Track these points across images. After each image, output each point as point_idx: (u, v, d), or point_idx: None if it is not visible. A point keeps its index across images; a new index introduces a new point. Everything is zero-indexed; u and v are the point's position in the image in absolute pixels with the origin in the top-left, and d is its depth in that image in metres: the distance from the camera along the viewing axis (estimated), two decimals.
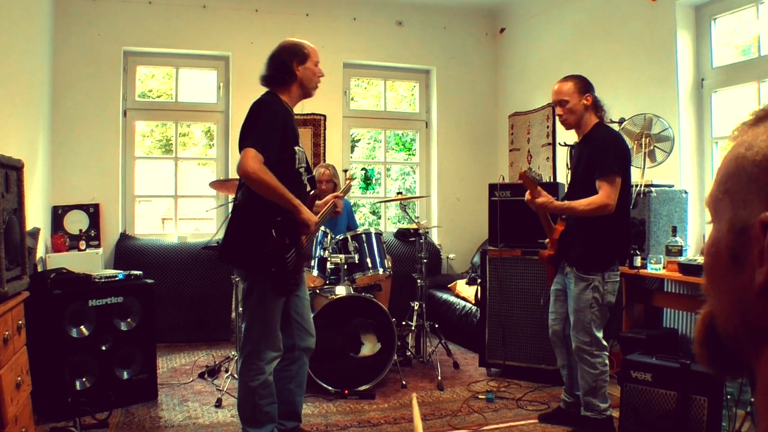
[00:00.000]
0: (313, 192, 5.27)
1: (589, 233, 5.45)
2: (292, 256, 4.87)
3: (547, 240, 5.84)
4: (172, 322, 8.78)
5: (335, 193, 5.76)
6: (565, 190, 5.98)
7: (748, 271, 1.03)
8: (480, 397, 6.64)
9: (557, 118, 5.82)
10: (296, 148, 5.00)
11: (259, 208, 4.80)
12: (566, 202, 5.43)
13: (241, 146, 4.71)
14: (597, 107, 5.65)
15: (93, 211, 8.89)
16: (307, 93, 5.19)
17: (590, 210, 5.28)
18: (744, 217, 1.04)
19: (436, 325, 8.10)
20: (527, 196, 5.46)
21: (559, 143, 8.40)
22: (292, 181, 4.91)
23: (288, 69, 5.06)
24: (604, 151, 5.37)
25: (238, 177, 4.76)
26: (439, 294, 9.54)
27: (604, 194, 5.26)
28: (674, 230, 6.48)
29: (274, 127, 4.77)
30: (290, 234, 4.84)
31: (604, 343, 5.60)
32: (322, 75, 5.23)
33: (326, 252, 7.01)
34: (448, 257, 10.80)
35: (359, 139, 17.73)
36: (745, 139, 1.10)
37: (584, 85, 5.62)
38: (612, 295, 5.54)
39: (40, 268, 6.94)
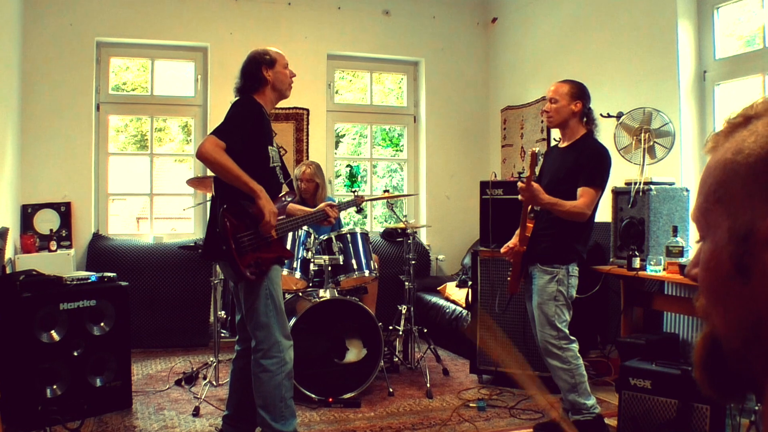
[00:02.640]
0: (288, 192, 5.54)
1: (554, 232, 5.70)
2: (247, 237, 4.99)
3: (512, 242, 6.01)
4: (148, 326, 8.72)
5: (330, 203, 5.99)
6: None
7: (757, 279, 1.01)
8: (471, 405, 6.63)
9: (544, 114, 6.06)
10: (270, 147, 5.29)
11: (224, 196, 5.04)
12: (555, 199, 5.55)
13: None
14: (588, 119, 5.91)
15: (64, 210, 8.84)
16: (281, 95, 5.49)
17: (572, 212, 5.54)
18: (747, 222, 1.03)
19: (425, 330, 8.07)
20: (521, 183, 5.55)
21: (554, 139, 8.39)
22: (267, 179, 5.18)
23: (258, 76, 5.33)
24: (594, 163, 5.66)
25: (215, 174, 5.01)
26: (428, 297, 9.51)
27: (585, 202, 5.55)
28: (675, 230, 6.46)
29: (241, 121, 5.09)
30: (245, 218, 5.01)
31: (571, 336, 5.71)
32: (293, 75, 5.54)
33: (309, 253, 6.98)
34: (437, 258, 10.79)
35: (344, 135, 17.74)
36: (728, 146, 1.11)
37: (579, 92, 5.87)
38: (574, 289, 5.76)
39: (8, 270, 6.90)
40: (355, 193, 6.45)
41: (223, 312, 7.21)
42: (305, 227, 6.83)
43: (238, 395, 5.42)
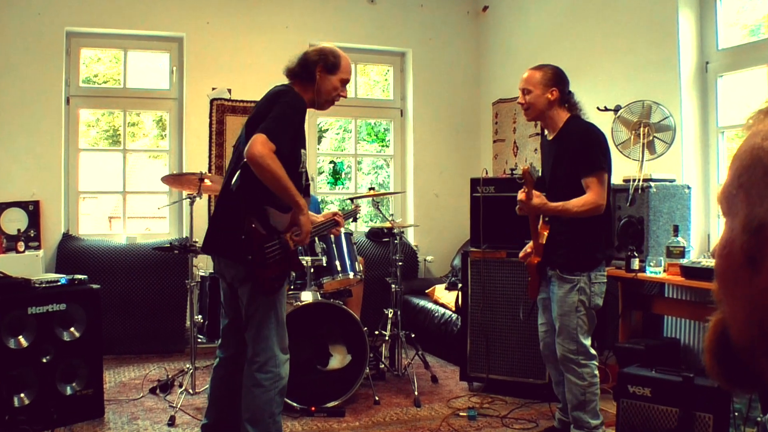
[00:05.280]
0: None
1: (571, 234, 5.49)
2: (274, 248, 4.95)
3: (530, 246, 5.80)
4: (121, 331, 8.67)
5: (336, 211, 6.07)
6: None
7: (765, 274, 1.01)
8: (461, 414, 6.61)
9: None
10: (303, 150, 5.18)
11: (254, 195, 4.93)
12: (560, 204, 5.38)
13: (253, 131, 4.79)
14: (570, 104, 5.69)
15: (32, 209, 8.78)
16: (318, 104, 5.31)
17: (583, 210, 5.30)
18: (760, 215, 1.02)
19: (413, 335, 8.03)
20: (521, 195, 5.40)
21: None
22: (295, 184, 5.04)
23: (309, 70, 5.20)
24: (587, 147, 5.43)
25: (197, 171, 4.94)
26: (416, 300, 9.51)
27: (594, 193, 5.31)
28: (676, 229, 6.46)
29: (291, 122, 4.95)
30: (270, 226, 4.95)
31: (593, 351, 5.58)
32: (343, 95, 5.36)
33: None
34: (425, 259, 10.79)
35: (327, 129, 17.75)
36: (761, 128, 1.08)
37: (554, 78, 5.63)
38: (600, 297, 5.56)
39: None
40: (354, 203, 6.51)
41: (199, 316, 7.15)
42: None
43: (220, 405, 5.38)
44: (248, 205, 4.92)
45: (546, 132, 5.89)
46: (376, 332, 8.00)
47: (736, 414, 5.04)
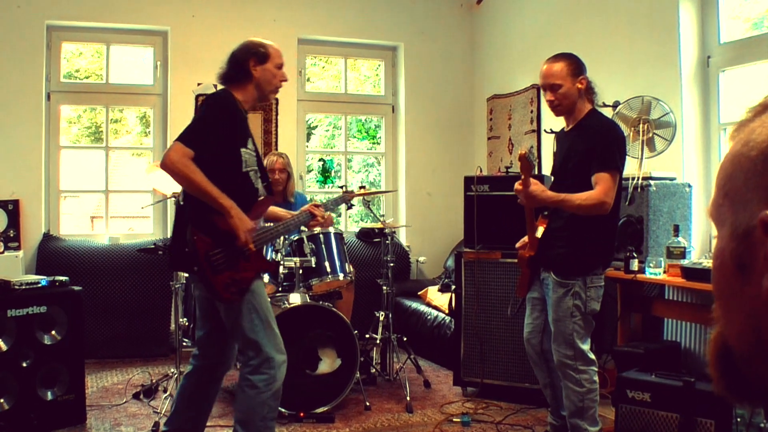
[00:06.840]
0: (266, 198, 5.40)
1: (571, 233, 5.41)
2: (221, 254, 4.93)
3: (526, 240, 5.76)
4: (103, 335, 8.64)
5: (314, 203, 5.97)
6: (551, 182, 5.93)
7: (755, 279, 1.01)
8: (455, 420, 6.60)
9: (547, 104, 5.72)
10: (243, 150, 5.17)
11: (197, 205, 4.94)
12: (561, 194, 5.32)
13: None
14: (589, 90, 5.63)
15: (12, 209, 8.74)
16: (263, 96, 5.40)
17: (586, 206, 5.20)
18: (745, 220, 1.03)
19: (405, 338, 8.04)
20: (517, 185, 5.36)
21: (545, 130, 8.38)
22: (238, 186, 5.10)
23: (243, 68, 5.24)
24: (605, 143, 5.33)
25: None
26: (408, 302, 9.50)
27: (602, 190, 5.19)
28: (676, 229, 6.43)
29: (211, 124, 5.06)
30: (217, 232, 4.93)
31: (591, 356, 5.51)
32: (284, 79, 5.41)
33: (279, 255, 6.93)
34: (417, 261, 10.74)
35: (316, 126, 17.74)
36: (741, 137, 1.10)
37: (578, 66, 5.56)
38: (596, 302, 5.48)
39: None
40: (344, 189, 6.45)
41: (184, 319, 7.12)
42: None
43: (184, 416, 5.31)
44: (192, 216, 4.95)
45: (561, 128, 5.83)
46: (367, 335, 7.99)
47: (739, 420, 5.04)
